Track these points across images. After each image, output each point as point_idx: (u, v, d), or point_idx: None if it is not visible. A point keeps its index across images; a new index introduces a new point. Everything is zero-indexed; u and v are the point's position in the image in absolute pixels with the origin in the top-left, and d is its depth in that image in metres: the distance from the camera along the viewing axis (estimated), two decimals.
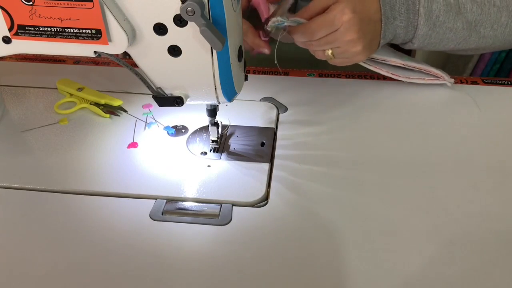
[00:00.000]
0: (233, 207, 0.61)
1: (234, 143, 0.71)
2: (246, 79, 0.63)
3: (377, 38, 0.73)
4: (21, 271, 0.54)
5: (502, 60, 1.58)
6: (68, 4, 0.50)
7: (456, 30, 0.74)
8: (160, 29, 0.52)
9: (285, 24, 0.71)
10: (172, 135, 0.72)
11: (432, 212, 0.61)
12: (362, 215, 0.60)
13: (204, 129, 0.73)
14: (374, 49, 0.74)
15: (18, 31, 0.52)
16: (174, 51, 0.54)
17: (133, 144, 0.71)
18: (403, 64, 0.81)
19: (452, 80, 0.83)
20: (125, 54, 0.56)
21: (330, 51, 0.72)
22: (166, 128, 0.73)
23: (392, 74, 0.81)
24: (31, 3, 0.50)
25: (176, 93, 0.59)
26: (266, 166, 0.67)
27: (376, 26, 0.71)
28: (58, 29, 0.52)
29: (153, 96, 0.59)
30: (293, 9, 0.92)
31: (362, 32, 0.69)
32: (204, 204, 0.62)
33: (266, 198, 0.63)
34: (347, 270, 0.54)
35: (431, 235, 0.58)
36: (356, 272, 0.54)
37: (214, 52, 0.54)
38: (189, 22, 0.51)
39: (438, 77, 0.82)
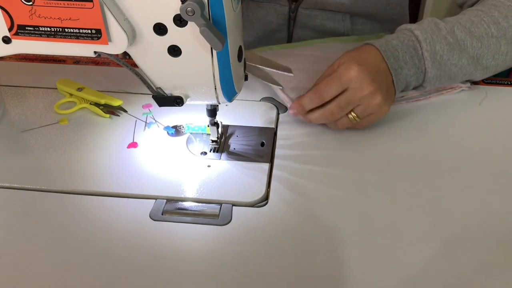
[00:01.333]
0: (233, 207, 0.61)
1: (234, 143, 0.71)
2: (246, 79, 0.63)
3: (391, 86, 0.71)
4: (21, 271, 0.54)
5: None
6: (68, 4, 0.50)
7: (462, 66, 0.73)
8: (160, 29, 0.52)
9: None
10: (172, 135, 0.72)
11: (432, 212, 0.61)
12: (362, 215, 0.60)
13: None
14: (393, 97, 0.72)
15: (18, 31, 0.52)
16: (174, 51, 0.54)
17: (133, 144, 0.71)
18: (421, 94, 0.79)
19: (469, 84, 0.81)
20: (125, 54, 0.56)
21: (353, 114, 0.69)
22: (166, 128, 0.73)
23: (413, 101, 0.80)
24: (31, 3, 0.50)
25: (176, 93, 0.59)
26: (266, 166, 0.67)
27: (386, 75, 0.70)
28: (58, 29, 0.52)
29: (153, 96, 0.59)
30: (294, 17, 0.92)
31: (376, 82, 0.67)
32: (204, 204, 0.62)
33: (266, 198, 0.63)
34: (347, 270, 0.54)
35: (431, 235, 0.58)
36: (356, 272, 0.54)
37: (214, 52, 0.54)
38: (189, 22, 0.51)
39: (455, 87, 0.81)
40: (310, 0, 0.90)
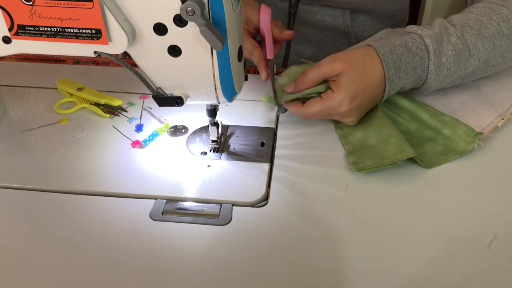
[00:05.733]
0: (233, 207, 0.61)
1: (234, 143, 0.71)
2: (246, 79, 0.63)
3: (378, 98, 0.71)
4: (21, 271, 0.54)
5: None
6: (68, 4, 0.50)
7: (465, 73, 0.72)
8: (160, 29, 0.52)
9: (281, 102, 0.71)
10: (138, 131, 0.73)
11: (432, 211, 0.61)
12: (362, 215, 0.60)
13: (204, 129, 0.73)
14: (369, 108, 0.72)
15: (18, 31, 0.52)
16: (174, 51, 0.54)
17: (137, 143, 0.71)
18: None
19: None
20: (125, 54, 0.56)
21: None
22: (131, 120, 0.74)
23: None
24: (31, 3, 0.50)
25: (176, 93, 0.59)
26: (266, 166, 0.67)
27: (377, 97, 0.70)
28: (58, 29, 0.52)
29: (153, 96, 0.60)
30: (294, 13, 0.91)
31: (360, 112, 0.70)
32: (204, 204, 0.62)
33: (266, 198, 0.63)
34: (347, 270, 0.54)
35: (431, 235, 0.58)
36: (356, 272, 0.54)
37: (214, 52, 0.54)
38: (189, 22, 0.51)
39: None
40: None
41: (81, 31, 0.51)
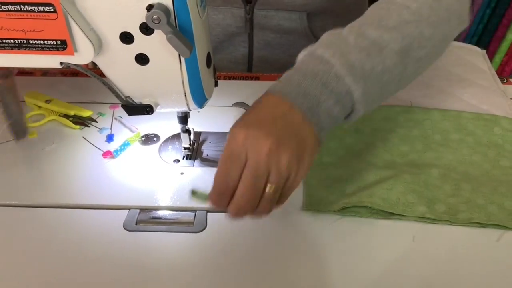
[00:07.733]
0: (208, 213, 0.61)
1: (207, 150, 0.71)
2: (216, 85, 0.63)
3: (308, 132, 0.52)
4: None
5: (480, 33, 1.62)
6: (31, 15, 0.49)
7: (390, 69, 0.57)
8: (126, 37, 0.52)
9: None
10: (109, 141, 0.72)
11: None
12: (333, 215, 0.61)
13: (176, 136, 0.73)
14: (316, 144, 0.53)
15: None
16: (142, 59, 0.54)
17: (108, 153, 0.70)
18: None
19: None
20: (95, 64, 0.55)
21: (269, 187, 0.50)
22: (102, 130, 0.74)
23: None
24: None
25: (145, 101, 0.58)
26: None
27: (296, 121, 0.52)
28: (22, 41, 0.51)
29: (122, 105, 0.59)
30: (250, 19, 0.91)
31: (274, 134, 0.50)
32: (178, 212, 0.62)
33: None
34: (324, 270, 0.54)
35: (401, 231, 0.59)
36: (333, 272, 0.54)
37: (182, 59, 0.54)
38: (155, 30, 0.51)
39: None
40: (264, 1, 0.90)
41: (46, 42, 0.51)
